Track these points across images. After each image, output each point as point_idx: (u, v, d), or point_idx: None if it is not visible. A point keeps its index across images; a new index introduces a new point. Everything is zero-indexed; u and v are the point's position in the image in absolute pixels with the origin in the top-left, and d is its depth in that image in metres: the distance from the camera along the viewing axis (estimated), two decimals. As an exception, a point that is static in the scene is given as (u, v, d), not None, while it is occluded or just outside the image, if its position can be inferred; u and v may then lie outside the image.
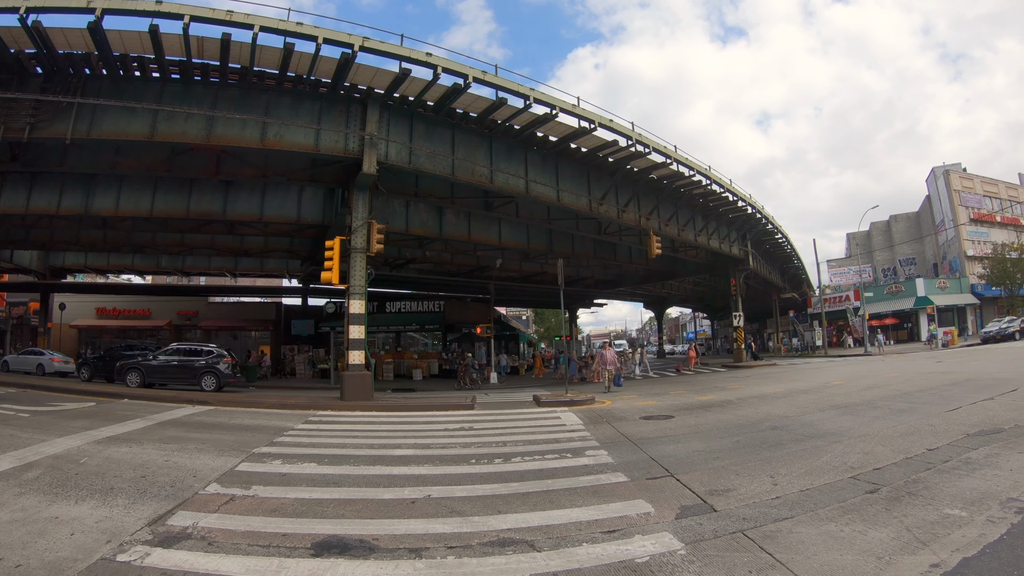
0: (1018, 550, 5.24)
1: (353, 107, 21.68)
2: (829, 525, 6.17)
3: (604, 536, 6.05)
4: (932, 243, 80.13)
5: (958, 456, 8.96)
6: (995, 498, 6.73)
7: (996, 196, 74.54)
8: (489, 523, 6.51)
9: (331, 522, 6.58)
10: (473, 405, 19.64)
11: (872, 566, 5.11)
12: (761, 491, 7.61)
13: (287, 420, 15.26)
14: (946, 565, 5.02)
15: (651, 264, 42.22)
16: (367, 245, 20.91)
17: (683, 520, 6.52)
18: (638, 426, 14.12)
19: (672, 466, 9.32)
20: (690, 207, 36.79)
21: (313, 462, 9.80)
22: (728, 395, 20.89)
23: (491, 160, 24.90)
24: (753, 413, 15.56)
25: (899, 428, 11.76)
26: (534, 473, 9.02)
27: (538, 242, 34.73)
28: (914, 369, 26.67)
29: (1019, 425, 11.13)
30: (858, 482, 7.85)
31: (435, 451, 11.16)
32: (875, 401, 16.23)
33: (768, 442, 11.14)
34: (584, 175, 29.20)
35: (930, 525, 5.99)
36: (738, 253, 43.86)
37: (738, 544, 5.74)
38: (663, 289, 67.55)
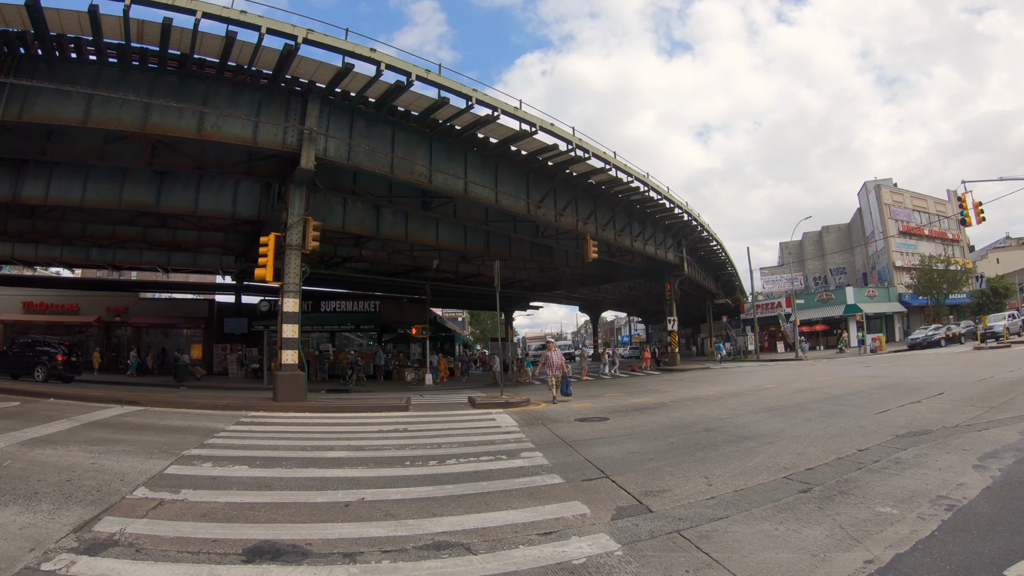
0: (949, 546, 5.37)
1: (293, 101, 21.27)
2: (764, 524, 6.26)
3: (540, 538, 6.01)
4: (862, 253, 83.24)
5: (888, 456, 9.21)
6: (925, 496, 6.92)
7: (925, 211, 78.29)
8: (424, 526, 6.41)
9: (263, 527, 6.40)
10: (408, 406, 19.43)
11: (808, 563, 5.19)
12: (696, 491, 7.69)
13: (218, 421, 14.89)
14: (880, 561, 5.12)
15: (587, 268, 42.47)
16: (303, 242, 20.49)
17: (619, 521, 6.54)
18: (573, 428, 14.17)
19: (607, 467, 9.36)
20: (627, 213, 37.02)
21: (245, 464, 9.58)
22: (662, 397, 21.15)
23: (431, 160, 24.72)
24: (687, 415, 15.77)
25: (830, 430, 12.06)
26: (469, 475, 8.96)
27: (475, 243, 34.55)
28: (844, 373, 27.30)
29: (946, 427, 11.48)
30: (791, 482, 8.01)
31: (369, 453, 11.01)
32: (806, 404, 16.62)
33: (702, 443, 11.29)
34: (523, 178, 29.19)
35: (863, 523, 6.12)
36: (673, 259, 44.32)
37: (674, 544, 5.77)
38: (599, 293, 67.97)
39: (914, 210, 77.47)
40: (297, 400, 19.51)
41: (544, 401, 20.95)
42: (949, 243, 79.33)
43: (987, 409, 13.29)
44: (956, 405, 14.28)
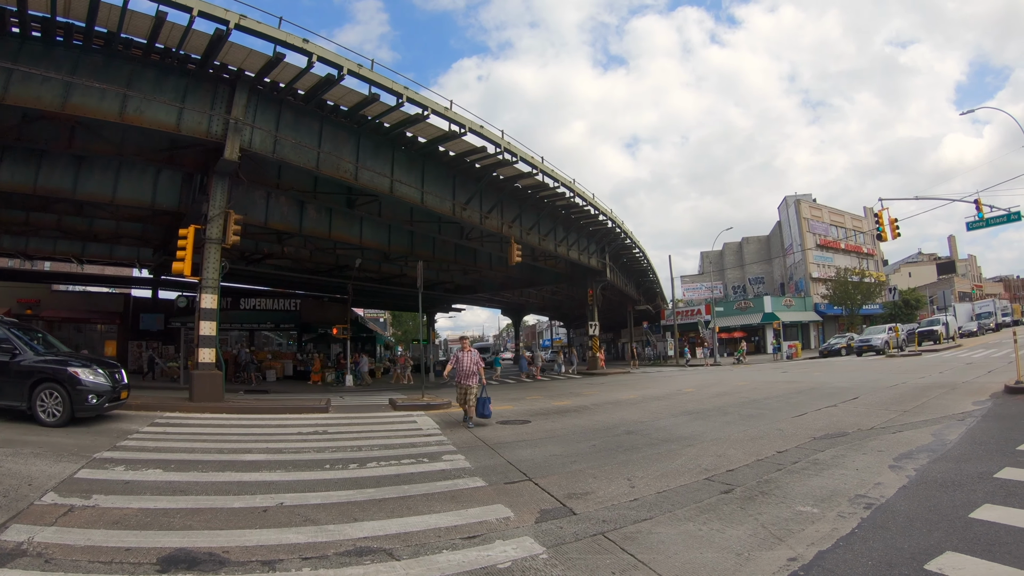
0: (869, 542, 5.51)
1: (221, 88, 20.57)
2: (688, 525, 6.33)
3: (464, 542, 5.96)
4: (780, 264, 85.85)
5: (807, 457, 9.44)
6: (844, 495, 7.10)
7: (842, 226, 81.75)
8: (345, 531, 6.28)
9: (178, 534, 6.16)
10: (328, 408, 19.15)
11: (732, 562, 5.25)
12: (619, 493, 7.74)
13: (132, 422, 14.32)
14: (803, 559, 5.22)
15: (511, 271, 42.43)
16: (223, 236, 19.94)
17: (543, 524, 6.53)
18: (495, 431, 14.15)
19: (530, 470, 9.37)
20: (552, 218, 37.19)
21: (159, 468, 9.24)
22: (584, 401, 21.33)
23: (358, 156, 24.39)
24: (608, 418, 15.94)
25: (749, 432, 12.32)
26: (391, 479, 8.86)
27: (399, 243, 34.14)
28: (761, 379, 27.92)
29: (862, 429, 11.85)
30: (713, 483, 8.14)
31: (288, 456, 10.78)
32: (725, 407, 16.98)
33: (624, 446, 11.39)
34: (450, 179, 29.05)
35: (785, 522, 6.25)
36: (596, 265, 44.68)
37: (599, 546, 5.78)
38: (522, 297, 68.03)
39: (832, 225, 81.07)
40: (214, 400, 19.02)
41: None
42: (864, 257, 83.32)
43: (901, 413, 13.75)
44: (871, 409, 14.76)
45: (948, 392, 17.03)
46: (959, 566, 4.81)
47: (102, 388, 13.55)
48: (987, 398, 14.92)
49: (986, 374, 21.24)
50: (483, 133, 25.44)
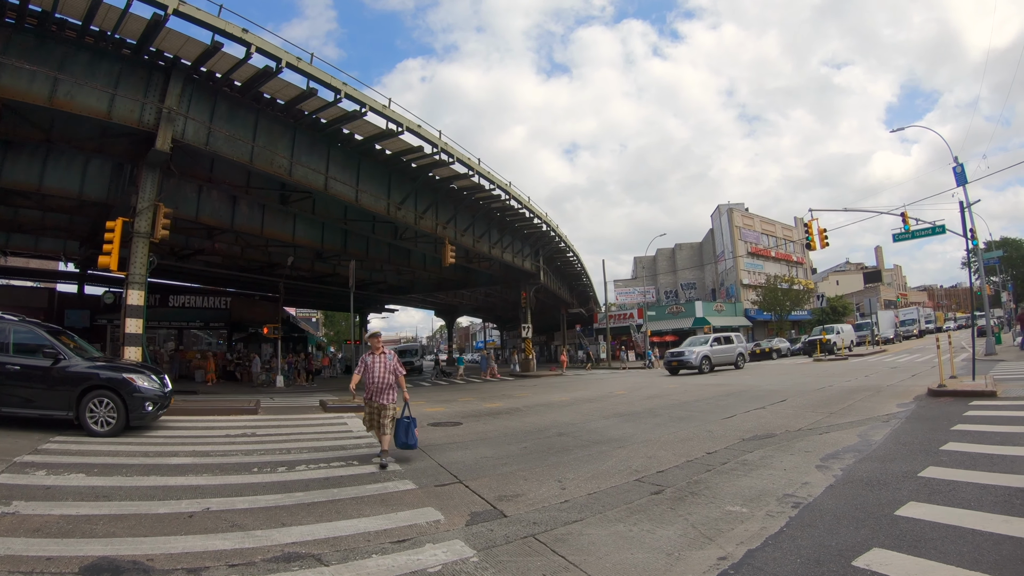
0: (798, 540, 5.60)
1: (155, 76, 19.94)
2: (618, 526, 6.34)
3: (394, 546, 5.87)
4: (712, 271, 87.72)
5: (736, 458, 9.57)
6: (772, 495, 7.21)
7: (773, 234, 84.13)
8: (273, 537, 6.14)
9: (101, 542, 5.92)
10: (257, 409, 18.84)
11: (663, 562, 5.28)
12: (550, 495, 7.73)
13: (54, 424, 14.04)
14: (733, 557, 5.27)
15: (445, 273, 42.40)
16: (151, 230, 19.26)
17: (474, 527, 6.49)
18: (426, 433, 13.96)
19: (461, 473, 9.33)
20: (487, 220, 37.25)
21: (82, 472, 8.90)
22: (516, 403, 21.34)
23: (293, 152, 24.02)
24: (540, 420, 15.94)
25: (679, 434, 12.44)
26: (320, 482, 8.71)
27: (332, 242, 33.61)
28: (692, 382, 28.28)
29: (789, 430, 12.08)
30: (643, 484, 8.18)
31: (215, 459, 10.51)
32: (656, 410, 17.12)
33: (555, 448, 11.41)
34: (386, 178, 28.87)
35: (714, 521, 6.31)
36: (531, 268, 44.88)
37: (530, 548, 5.76)
38: (455, 298, 68.08)
39: (763, 233, 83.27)
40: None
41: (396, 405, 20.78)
42: (794, 265, 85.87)
43: (827, 415, 14.03)
44: (798, 411, 15.03)
45: (873, 395, 17.45)
46: (886, 562, 4.91)
47: (156, 394, 13.18)
48: (911, 400, 15.33)
49: (910, 378, 21.81)
50: (421, 133, 25.36)
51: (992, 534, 5.36)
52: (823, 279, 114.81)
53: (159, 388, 13.34)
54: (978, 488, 6.86)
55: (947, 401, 14.63)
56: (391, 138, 25.44)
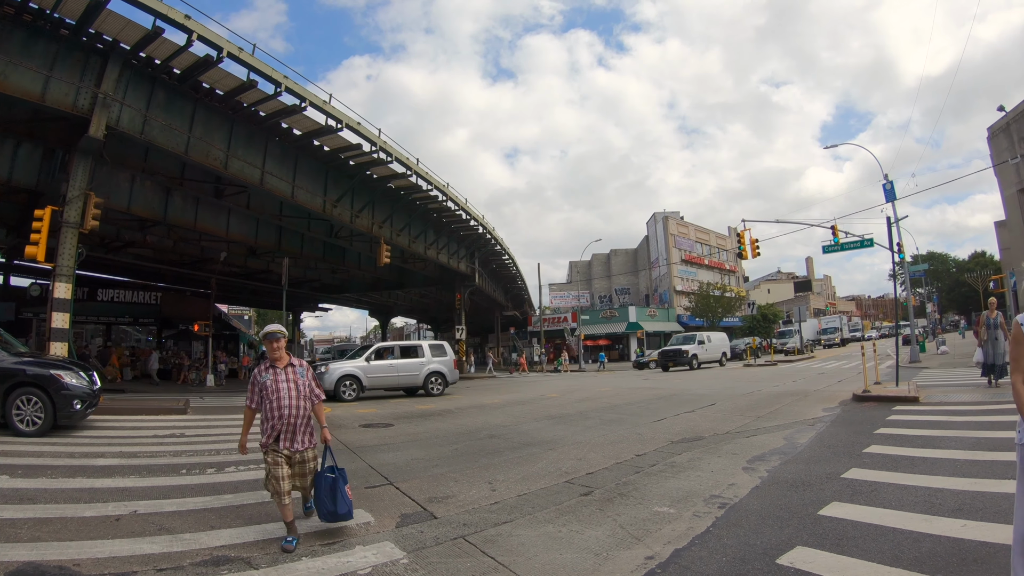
0: (724, 540, 5.69)
1: (93, 59, 19.17)
2: (548, 527, 6.38)
3: (324, 549, 5.83)
4: (646, 277, 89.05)
5: (664, 460, 9.69)
6: (699, 496, 7.32)
7: (707, 243, 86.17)
8: (202, 540, 6.02)
9: (26, 546, 5.73)
10: (187, 409, 18.41)
11: (591, 562, 5.31)
12: (480, 497, 7.75)
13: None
14: (660, 557, 5.33)
15: (380, 272, 42.17)
16: (81, 220, 18.56)
17: (404, 528, 6.48)
18: (357, 434, 14.00)
19: (391, 474, 9.28)
20: (424, 220, 37.15)
21: (5, 474, 8.60)
22: (448, 404, 21.33)
23: (229, 144, 23.54)
24: (472, 422, 15.98)
25: (610, 436, 12.57)
26: (249, 484, 8.59)
27: (267, 238, 32.99)
28: (623, 385, 28.56)
29: (717, 433, 12.30)
30: (573, 486, 8.25)
31: (143, 460, 10.27)
32: (587, 412, 17.28)
33: (486, 450, 11.44)
34: (323, 174, 28.52)
35: (642, 522, 6.38)
36: (466, 269, 44.90)
37: (460, 550, 5.76)
38: (390, 298, 67.68)
39: (697, 241, 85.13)
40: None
41: (328, 406, 20.61)
42: (726, 273, 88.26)
43: (755, 418, 14.34)
44: (727, 414, 15.32)
45: (800, 399, 17.86)
46: (809, 560, 5.01)
47: (85, 392, 12.71)
48: (836, 405, 15.69)
49: (836, 383, 22.34)
50: (360, 130, 25.20)
51: (912, 532, 5.51)
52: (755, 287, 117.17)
53: (88, 386, 12.96)
54: (899, 489, 7.05)
55: (871, 406, 14.98)
56: (330, 134, 25.21)
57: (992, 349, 16.06)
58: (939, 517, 5.92)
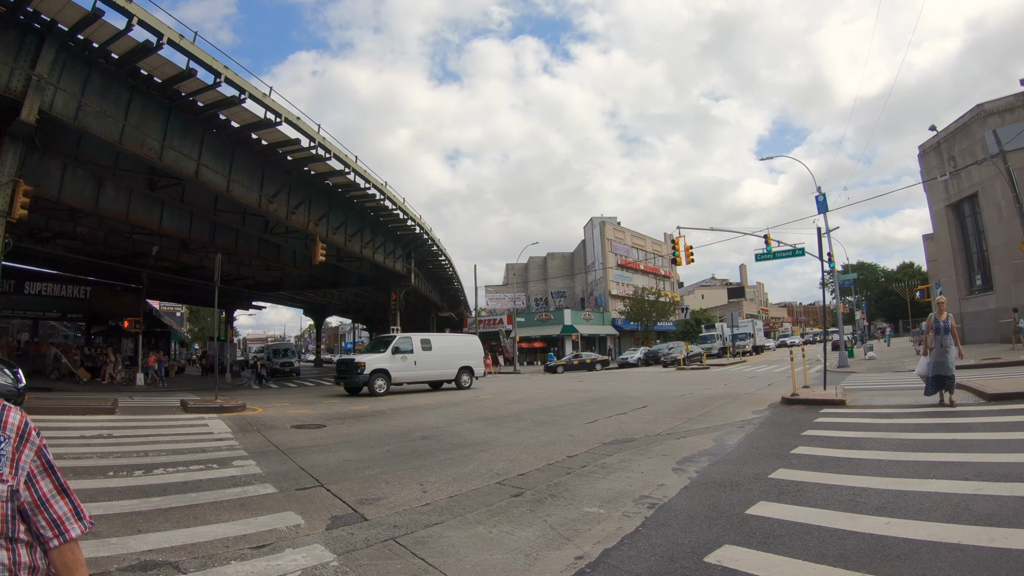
0: (652, 539, 5.75)
1: (29, 39, 18.31)
2: (478, 528, 6.38)
3: (253, 552, 5.71)
4: (583, 280, 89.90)
5: (595, 462, 9.77)
6: (629, 496, 7.39)
7: (643, 248, 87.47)
8: (129, 544, 5.87)
9: None
10: (115, 409, 18.04)
11: (521, 563, 5.33)
12: (411, 498, 7.72)
13: None
14: (589, 556, 5.36)
15: (315, 271, 41.68)
16: (9, 208, 17.62)
17: (334, 531, 6.39)
18: (289, 435, 13.88)
19: (322, 476, 9.19)
20: (361, 219, 36.79)
21: None
22: (381, 405, 21.38)
23: (165, 134, 22.72)
24: (405, 423, 15.99)
25: (542, 438, 12.67)
26: (178, 486, 8.39)
27: (201, 233, 32.16)
28: (558, 387, 28.81)
29: (648, 435, 12.47)
30: (504, 487, 8.28)
31: (69, 462, 9.95)
32: (520, 414, 17.40)
33: (418, 451, 11.45)
34: (260, 169, 27.98)
35: (572, 523, 6.41)
36: (402, 270, 44.60)
37: (390, 552, 5.72)
38: (325, 297, 67.13)
39: (633, 247, 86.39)
40: (-14, 397, 17.45)
41: (259, 406, 20.36)
42: (661, 278, 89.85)
43: (686, 420, 14.58)
44: (659, 417, 15.54)
45: (731, 402, 18.22)
46: (736, 558, 5.09)
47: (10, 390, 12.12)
48: (765, 408, 16.01)
49: (767, 387, 22.82)
50: (299, 125, 24.83)
51: (837, 530, 5.63)
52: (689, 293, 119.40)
53: (12, 384, 12.59)
54: (825, 488, 7.21)
55: (799, 409, 15.31)
56: (268, 128, 24.64)
57: (941, 358, 13.07)
58: (863, 515, 6.06)
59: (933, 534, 5.33)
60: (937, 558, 4.81)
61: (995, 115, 36.91)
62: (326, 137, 26.51)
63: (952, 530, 5.41)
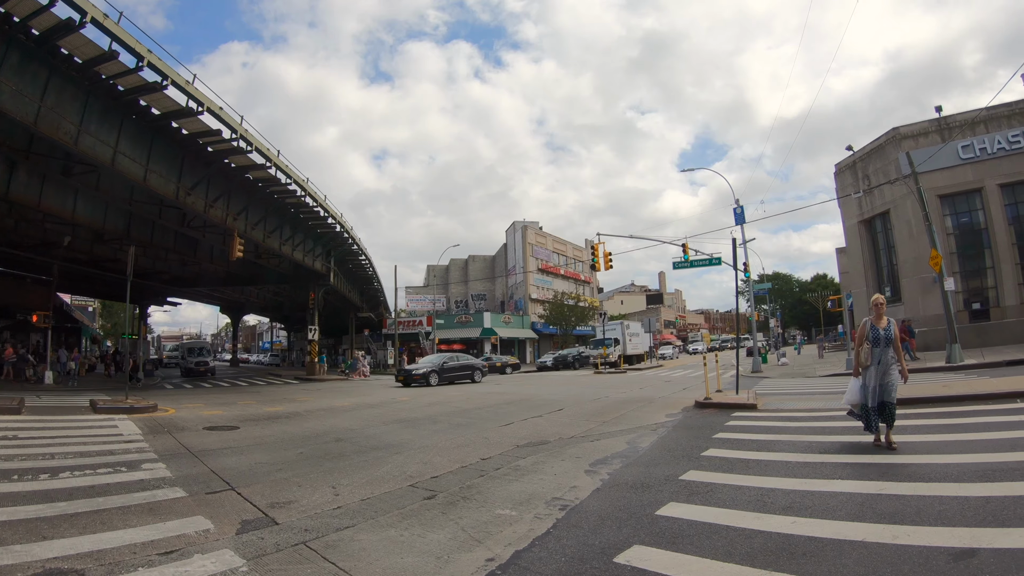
0: (563, 540, 5.81)
1: None
2: (390, 531, 6.36)
3: (161, 558, 5.54)
4: (503, 284, 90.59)
5: (509, 464, 9.84)
6: (541, 498, 7.47)
7: (564, 254, 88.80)
8: (33, 552, 5.63)
9: None
10: (21, 409, 17.43)
11: (432, 565, 5.33)
12: (323, 502, 7.65)
13: None
14: (500, 558, 5.40)
15: (232, 267, 41.14)
16: None
17: (244, 535, 6.28)
18: (201, 437, 13.59)
19: (234, 479, 9.03)
20: (281, 215, 36.38)
21: None
22: (297, 407, 21.18)
23: (83, 118, 21.82)
24: (319, 425, 15.84)
25: (457, 440, 12.67)
26: (85, 490, 8.10)
27: (115, 224, 31.32)
28: (475, 390, 28.82)
29: (563, 438, 12.57)
30: (417, 489, 8.26)
31: (-31, 465, 9.64)
32: (436, 416, 17.39)
33: (332, 454, 11.35)
34: (179, 159, 27.28)
35: (484, 525, 6.44)
36: (321, 268, 44.25)
37: (301, 556, 5.66)
38: (242, 295, 66.20)
39: (554, 252, 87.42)
40: None
41: (171, 407, 19.93)
42: (581, 284, 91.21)
43: (600, 423, 14.74)
44: (574, 419, 15.67)
45: (645, 405, 18.47)
46: (645, 557, 5.18)
47: None
48: (679, 411, 16.29)
49: (681, 391, 23.18)
50: (222, 115, 24.41)
51: (744, 529, 5.79)
52: (608, 298, 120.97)
53: None
54: (734, 489, 7.40)
55: (712, 412, 15.65)
56: (190, 117, 24.04)
57: (884, 380, 9.36)
58: (770, 515, 6.24)
59: (838, 532, 5.52)
60: (842, 555, 4.99)
61: (909, 138, 39.31)
62: (248, 129, 26.10)
63: (857, 528, 5.62)
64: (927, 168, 32.88)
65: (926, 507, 6.12)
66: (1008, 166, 36.74)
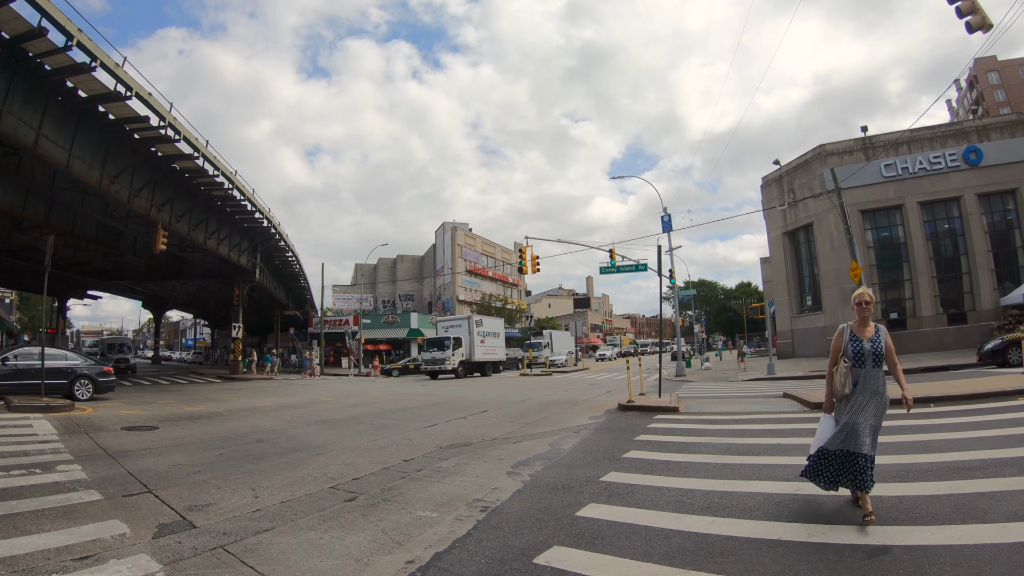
0: (483, 542, 5.85)
1: None
2: (309, 534, 6.30)
3: (75, 564, 5.38)
4: (431, 284, 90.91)
5: (431, 466, 9.82)
6: (463, 500, 7.48)
7: (492, 256, 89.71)
8: None
9: None
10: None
11: (352, 568, 5.30)
12: (242, 504, 7.53)
13: None
14: (420, 560, 5.40)
15: (156, 260, 40.13)
16: None
17: (161, 539, 6.12)
18: (119, 438, 13.21)
19: (151, 481, 8.79)
20: (207, 208, 35.76)
21: None
22: (219, 407, 20.84)
23: (6, 97, 20.87)
24: (241, 426, 15.60)
25: (379, 442, 12.59)
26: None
27: (35, 211, 30.11)
28: (400, 390, 28.82)
29: (486, 439, 12.59)
30: (338, 491, 8.19)
31: None
32: (360, 417, 17.31)
33: (252, 455, 11.18)
34: (104, 145, 26.38)
35: (404, 527, 6.43)
36: (247, 264, 43.67)
37: (219, 560, 5.56)
38: (166, 290, 64.95)
39: (483, 254, 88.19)
40: None
41: (89, 406, 19.42)
42: (509, 286, 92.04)
43: (524, 425, 14.82)
44: (497, 421, 15.75)
45: (569, 408, 18.64)
46: (565, 558, 5.25)
47: None
48: (602, 414, 16.47)
49: (605, 394, 23.44)
50: (150, 102, 23.93)
51: (663, 529, 5.91)
52: (536, 301, 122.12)
53: None
54: (653, 490, 7.53)
55: (634, 415, 15.88)
56: (118, 101, 23.45)
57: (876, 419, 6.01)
58: (689, 515, 6.38)
59: (755, 531, 5.69)
60: (759, 554, 5.13)
61: (835, 155, 40.83)
62: (177, 118, 25.63)
63: (773, 527, 5.81)
64: (850, 184, 34.07)
65: (841, 508, 6.32)
66: (928, 185, 38.68)
